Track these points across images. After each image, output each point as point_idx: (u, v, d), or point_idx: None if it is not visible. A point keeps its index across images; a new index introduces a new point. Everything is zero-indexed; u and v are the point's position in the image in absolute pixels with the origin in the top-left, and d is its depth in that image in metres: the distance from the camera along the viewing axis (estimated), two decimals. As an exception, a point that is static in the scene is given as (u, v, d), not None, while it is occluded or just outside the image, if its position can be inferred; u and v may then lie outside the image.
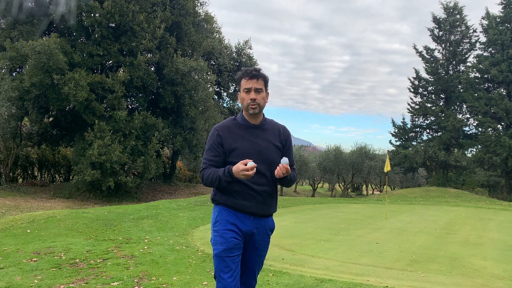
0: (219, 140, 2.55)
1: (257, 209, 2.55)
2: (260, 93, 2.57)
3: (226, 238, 2.49)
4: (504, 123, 25.08)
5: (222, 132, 2.57)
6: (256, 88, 2.55)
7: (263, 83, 2.59)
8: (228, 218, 2.53)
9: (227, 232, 2.51)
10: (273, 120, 2.75)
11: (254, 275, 2.69)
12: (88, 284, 4.31)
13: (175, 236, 7.46)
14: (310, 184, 31.74)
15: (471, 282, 4.86)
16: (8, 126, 18.24)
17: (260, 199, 2.54)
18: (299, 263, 5.53)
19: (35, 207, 13.89)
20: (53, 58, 15.81)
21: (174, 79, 19.07)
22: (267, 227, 2.64)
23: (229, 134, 2.56)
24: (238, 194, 2.52)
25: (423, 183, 33.09)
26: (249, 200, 2.52)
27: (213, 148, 2.56)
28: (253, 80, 2.55)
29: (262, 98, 2.58)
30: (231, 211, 2.54)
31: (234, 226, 2.52)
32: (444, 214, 13.02)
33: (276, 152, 2.61)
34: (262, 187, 2.54)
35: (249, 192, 2.51)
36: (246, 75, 2.57)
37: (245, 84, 2.56)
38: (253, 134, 2.59)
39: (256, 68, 2.62)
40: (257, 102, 2.54)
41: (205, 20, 22.89)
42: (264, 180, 2.54)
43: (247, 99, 2.55)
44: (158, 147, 19.05)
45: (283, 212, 11.93)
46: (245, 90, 2.56)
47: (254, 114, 2.58)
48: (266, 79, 2.60)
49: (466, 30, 27.78)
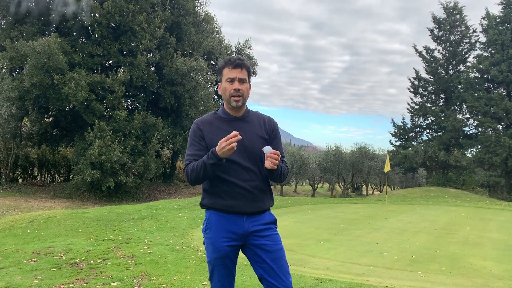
0: (200, 133, 2.38)
1: (249, 208, 2.35)
2: (244, 83, 2.38)
3: (217, 247, 2.34)
4: (504, 123, 25.09)
5: (203, 125, 2.40)
6: (240, 78, 2.36)
7: (247, 74, 2.40)
8: (219, 224, 2.36)
9: (219, 240, 2.34)
10: (257, 112, 2.55)
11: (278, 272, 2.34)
12: (88, 284, 4.31)
13: (175, 236, 7.46)
14: (310, 184, 31.74)
15: (471, 282, 4.86)
16: (8, 126, 18.25)
17: (250, 196, 2.34)
18: (299, 263, 5.52)
19: (35, 207, 13.89)
20: (53, 58, 15.81)
21: (174, 79, 19.07)
22: (264, 222, 2.41)
23: (210, 129, 2.39)
24: (226, 194, 2.33)
25: (423, 183, 33.09)
26: (239, 199, 2.33)
27: (196, 143, 2.38)
28: (237, 69, 2.36)
29: (246, 89, 2.39)
30: (222, 215, 2.36)
31: (228, 232, 2.34)
32: (444, 214, 13.02)
33: (262, 144, 2.38)
34: (252, 183, 2.34)
35: (238, 190, 2.32)
36: (230, 63, 2.37)
37: (228, 73, 2.36)
38: (235, 127, 2.36)
39: (239, 57, 2.42)
40: (241, 92, 2.36)
41: (205, 20, 22.91)
42: (252, 175, 2.35)
43: (229, 90, 2.35)
44: (158, 147, 19.05)
45: (283, 212, 11.92)
46: (228, 80, 2.36)
47: (237, 107, 2.39)
48: (250, 69, 2.41)
49: (466, 30, 27.80)
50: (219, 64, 2.46)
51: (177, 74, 18.80)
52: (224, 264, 2.37)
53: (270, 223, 2.44)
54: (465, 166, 26.51)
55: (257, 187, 2.37)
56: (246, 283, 4.36)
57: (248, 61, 2.48)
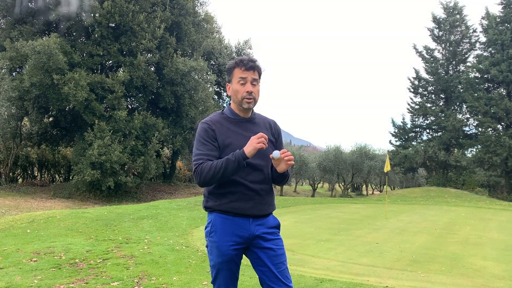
0: (213, 133, 2.30)
1: (256, 210, 2.31)
2: (256, 86, 2.35)
3: (222, 251, 2.29)
4: (504, 123, 25.10)
5: (214, 126, 2.32)
6: (253, 79, 2.33)
7: (258, 75, 2.37)
8: (225, 227, 2.29)
9: (225, 244, 2.28)
10: (261, 114, 2.53)
11: (280, 277, 2.31)
12: (88, 284, 4.31)
13: (175, 236, 7.46)
14: (310, 184, 31.72)
15: (471, 282, 4.86)
16: (8, 126, 18.26)
17: (258, 199, 2.31)
18: (299, 263, 5.52)
19: (35, 207, 13.89)
20: (53, 58, 15.81)
21: (174, 79, 19.07)
22: (269, 226, 2.38)
23: (221, 129, 2.32)
24: (233, 195, 2.28)
25: (423, 183, 33.09)
26: (246, 201, 2.28)
27: (208, 143, 2.28)
28: (250, 71, 2.32)
29: (257, 92, 2.36)
30: (227, 218, 2.29)
31: (234, 235, 2.29)
32: (444, 214, 13.02)
33: (270, 146, 2.37)
34: (260, 185, 2.31)
35: (246, 192, 2.28)
36: (243, 65, 2.32)
37: (241, 74, 2.32)
38: (245, 128, 2.35)
39: (252, 58, 2.37)
40: (253, 95, 2.33)
41: (205, 20, 22.92)
42: (261, 177, 2.32)
43: (242, 92, 2.31)
44: (158, 147, 19.06)
45: (283, 212, 11.93)
46: (240, 82, 2.32)
47: (249, 108, 2.35)
48: (261, 70, 2.39)
49: (466, 30, 27.82)
50: (229, 63, 2.40)
51: (177, 74, 18.80)
52: (229, 268, 2.34)
53: (274, 227, 2.41)
54: (465, 166, 26.51)
55: (264, 189, 2.34)
56: (246, 283, 4.36)
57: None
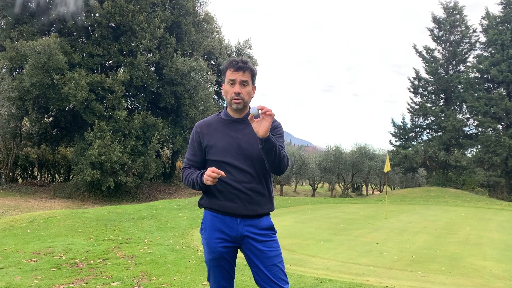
0: (197, 137, 2.41)
1: (243, 210, 2.30)
2: (246, 86, 2.34)
3: (211, 247, 2.35)
4: (504, 123, 25.11)
5: (201, 128, 2.42)
6: (242, 80, 2.32)
7: (250, 76, 2.35)
8: (214, 224, 2.35)
9: (213, 240, 2.34)
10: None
11: (272, 278, 2.30)
12: (88, 284, 4.31)
13: (175, 236, 7.46)
14: (310, 184, 31.73)
15: (471, 282, 4.86)
16: (8, 126, 18.24)
17: (245, 198, 2.30)
18: (299, 263, 5.52)
19: (35, 207, 13.89)
20: (53, 58, 15.80)
21: (174, 79, 19.07)
22: (260, 227, 2.34)
23: (208, 131, 2.40)
24: (221, 194, 2.32)
25: (423, 183, 33.08)
26: (233, 200, 2.30)
27: (192, 146, 2.43)
28: (239, 72, 2.32)
29: (247, 93, 2.35)
30: (217, 216, 2.35)
31: (221, 233, 2.33)
32: (444, 214, 13.02)
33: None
34: (247, 185, 2.30)
35: (232, 191, 2.30)
36: (232, 66, 2.33)
37: (230, 75, 2.33)
38: (234, 128, 2.37)
39: (243, 59, 2.36)
40: (242, 96, 2.32)
41: (205, 20, 22.91)
42: (247, 177, 2.31)
43: (231, 92, 2.33)
44: (158, 147, 19.04)
45: (283, 212, 11.93)
46: (230, 82, 2.33)
47: (238, 109, 2.37)
48: (253, 72, 2.37)
49: (466, 30, 27.82)
50: (223, 64, 2.42)
51: (177, 74, 18.80)
52: (219, 265, 2.36)
53: (266, 228, 2.37)
54: (465, 166, 26.52)
55: (252, 189, 2.32)
56: (246, 283, 4.36)
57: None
